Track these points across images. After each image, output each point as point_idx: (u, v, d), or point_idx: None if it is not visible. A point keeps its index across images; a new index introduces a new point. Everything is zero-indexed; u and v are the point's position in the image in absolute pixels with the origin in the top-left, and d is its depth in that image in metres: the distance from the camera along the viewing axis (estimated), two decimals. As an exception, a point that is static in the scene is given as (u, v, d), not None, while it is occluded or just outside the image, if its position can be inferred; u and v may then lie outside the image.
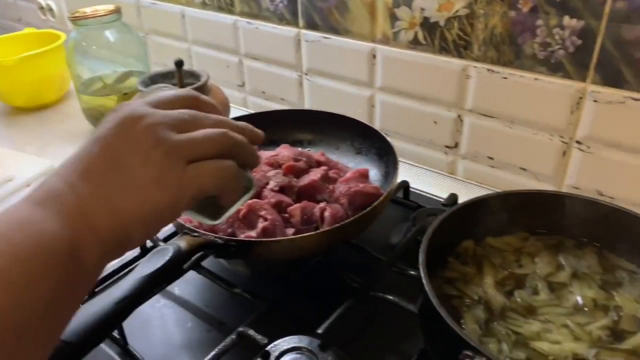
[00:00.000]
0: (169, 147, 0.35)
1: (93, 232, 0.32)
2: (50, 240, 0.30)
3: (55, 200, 0.32)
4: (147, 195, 0.34)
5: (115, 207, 0.33)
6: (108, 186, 0.34)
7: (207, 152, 0.37)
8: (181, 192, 0.35)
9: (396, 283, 0.58)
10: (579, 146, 0.68)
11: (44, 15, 1.39)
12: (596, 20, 0.60)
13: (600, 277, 0.52)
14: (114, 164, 0.34)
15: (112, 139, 0.35)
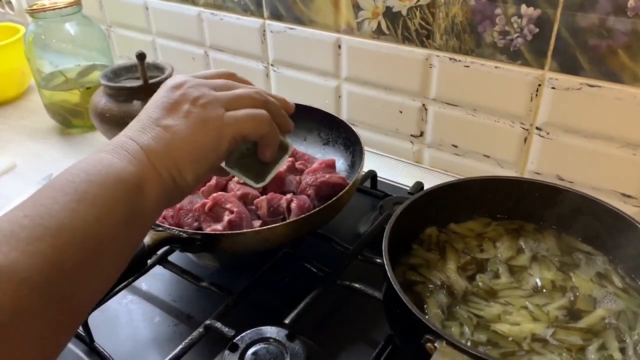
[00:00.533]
0: (210, 98, 0.43)
1: (153, 171, 0.39)
2: (120, 173, 0.36)
3: (122, 147, 0.39)
4: (193, 136, 0.41)
5: (169, 149, 0.40)
6: (162, 133, 0.40)
7: (243, 104, 0.44)
8: (222, 132, 0.42)
9: (362, 271, 0.59)
10: (539, 132, 0.69)
11: (2, 9, 1.35)
12: (552, 9, 0.61)
13: (559, 259, 0.53)
14: (165, 116, 0.41)
15: (163, 99, 0.43)
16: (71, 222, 0.32)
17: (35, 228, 0.30)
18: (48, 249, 0.30)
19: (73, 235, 0.32)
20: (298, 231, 0.58)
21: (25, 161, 0.91)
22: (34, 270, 0.29)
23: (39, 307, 0.29)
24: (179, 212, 0.62)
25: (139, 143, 0.39)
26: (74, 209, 0.32)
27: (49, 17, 0.91)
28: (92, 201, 0.34)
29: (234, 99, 0.44)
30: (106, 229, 0.34)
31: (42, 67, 0.97)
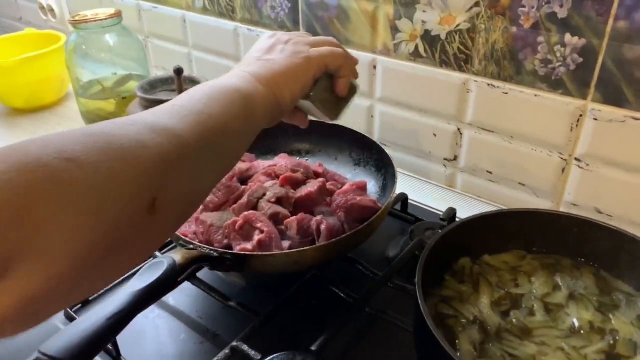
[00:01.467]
0: (298, 40, 0.55)
1: (260, 87, 0.48)
2: (235, 85, 0.46)
3: (234, 75, 0.49)
4: (288, 63, 0.51)
5: (271, 73, 0.50)
6: (264, 64, 0.51)
7: (324, 44, 0.56)
8: (309, 60, 0.53)
9: (392, 299, 0.58)
10: (578, 163, 0.67)
11: (45, 16, 1.39)
12: (598, 39, 0.60)
13: (597, 298, 0.52)
14: (264, 54, 0.53)
15: (261, 44, 0.55)
16: (207, 109, 0.41)
17: (183, 111, 0.40)
18: (194, 123, 0.39)
19: (208, 117, 0.41)
20: (327, 255, 0.58)
21: (60, 168, 0.92)
22: (187, 133, 0.38)
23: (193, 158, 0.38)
24: (209, 228, 0.62)
25: (247, 71, 0.50)
26: (205, 103, 0.42)
27: (90, 28, 0.94)
28: (217, 100, 0.43)
29: (316, 42, 0.56)
30: (229, 120, 0.43)
31: (81, 76, 0.99)
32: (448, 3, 0.70)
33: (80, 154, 0.30)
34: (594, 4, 0.58)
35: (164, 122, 0.37)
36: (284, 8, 0.88)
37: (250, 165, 0.72)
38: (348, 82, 0.57)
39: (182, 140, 0.37)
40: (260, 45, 0.56)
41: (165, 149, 0.35)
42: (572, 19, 0.61)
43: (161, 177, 0.35)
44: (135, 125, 0.35)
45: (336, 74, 0.56)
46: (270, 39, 0.56)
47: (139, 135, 0.35)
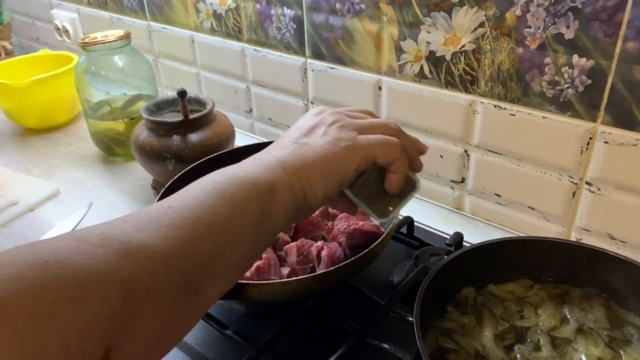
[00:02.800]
0: (346, 123, 0.46)
1: (286, 179, 0.41)
2: (255, 178, 0.40)
3: (261, 160, 0.43)
4: (325, 152, 0.43)
5: (302, 162, 0.42)
6: (298, 149, 0.44)
7: (377, 131, 0.46)
8: (352, 150, 0.44)
9: (393, 330, 0.56)
10: (589, 187, 0.65)
11: (60, 37, 1.41)
12: (606, 60, 0.58)
13: (608, 333, 0.49)
14: (303, 136, 0.45)
15: (304, 123, 0.47)
16: (207, 216, 0.35)
17: (177, 218, 0.34)
18: (185, 236, 0.33)
19: (208, 227, 0.35)
20: (327, 284, 0.56)
21: (68, 188, 0.93)
22: (171, 253, 0.32)
23: (172, 289, 0.31)
24: (208, 254, 0.61)
25: (277, 157, 0.43)
26: (211, 205, 0.36)
27: (99, 50, 0.94)
28: (228, 200, 0.37)
29: (369, 126, 0.47)
30: (238, 226, 0.37)
31: (91, 97, 1.00)
32: (452, 24, 0.68)
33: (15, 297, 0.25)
34: (601, 24, 0.57)
35: (143, 238, 0.31)
36: (289, 29, 0.88)
37: (252, 188, 0.72)
38: (401, 180, 0.48)
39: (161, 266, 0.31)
40: (301, 123, 0.47)
41: (136, 279, 0.29)
42: (580, 39, 0.59)
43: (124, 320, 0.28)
44: (103, 247, 0.29)
45: (388, 169, 0.47)
46: (315, 116, 0.47)
47: (104, 263, 0.28)
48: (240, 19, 0.95)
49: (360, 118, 0.48)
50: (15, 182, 0.94)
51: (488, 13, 0.65)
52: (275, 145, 0.46)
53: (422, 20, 0.71)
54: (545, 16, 0.60)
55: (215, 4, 0.98)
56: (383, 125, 0.47)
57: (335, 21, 0.81)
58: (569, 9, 0.58)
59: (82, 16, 1.35)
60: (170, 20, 1.11)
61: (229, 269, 0.37)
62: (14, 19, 1.62)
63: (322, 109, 0.48)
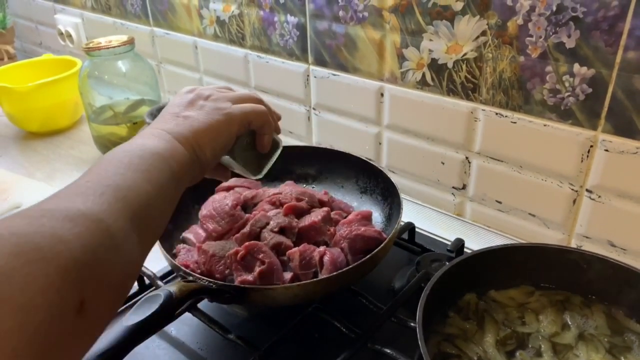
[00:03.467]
0: (219, 96, 0.54)
1: (179, 146, 0.47)
2: (153, 148, 0.44)
3: (150, 134, 0.47)
4: (209, 119, 0.50)
5: (190, 130, 0.48)
6: (183, 121, 0.49)
7: (245, 101, 0.54)
8: (231, 117, 0.51)
9: (395, 335, 0.56)
10: (589, 195, 0.66)
11: (63, 41, 1.42)
12: (607, 69, 0.58)
13: (609, 339, 0.49)
14: (183, 110, 0.51)
15: (180, 99, 0.53)
16: (124, 182, 0.39)
17: (98, 187, 0.37)
18: (112, 200, 0.37)
19: (128, 190, 0.39)
20: (329, 289, 0.56)
21: (70, 192, 0.93)
22: (106, 214, 0.36)
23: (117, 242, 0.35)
24: (211, 258, 0.61)
25: (165, 129, 0.48)
26: (123, 174, 0.40)
27: (103, 55, 0.95)
28: (137, 168, 0.41)
29: (238, 97, 0.55)
30: (152, 188, 0.41)
31: (94, 101, 1.00)
32: (454, 32, 0.69)
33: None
34: (602, 34, 0.57)
35: (77, 206, 0.34)
36: (292, 36, 0.89)
37: (255, 193, 0.72)
38: (270, 139, 0.57)
39: (102, 225, 0.34)
40: (178, 100, 0.53)
41: (87, 238, 0.33)
42: (581, 48, 0.60)
43: (88, 272, 0.32)
44: (46, 217, 0.32)
45: (258, 131, 0.55)
46: (189, 94, 0.54)
47: (54, 229, 0.32)
48: (243, 25, 0.96)
49: (227, 90, 0.56)
50: (17, 185, 0.94)
51: (490, 22, 0.65)
52: (158, 121, 0.51)
53: (424, 28, 0.72)
54: (547, 25, 0.61)
55: (218, 10, 0.99)
56: (249, 96, 0.56)
57: (338, 28, 0.82)
58: (570, 19, 0.59)
59: (85, 21, 1.36)
60: (174, 26, 1.11)
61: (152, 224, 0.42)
62: (17, 23, 1.62)
63: (192, 88, 0.55)
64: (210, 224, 0.67)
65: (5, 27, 1.51)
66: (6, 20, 1.52)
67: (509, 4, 0.63)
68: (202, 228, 0.68)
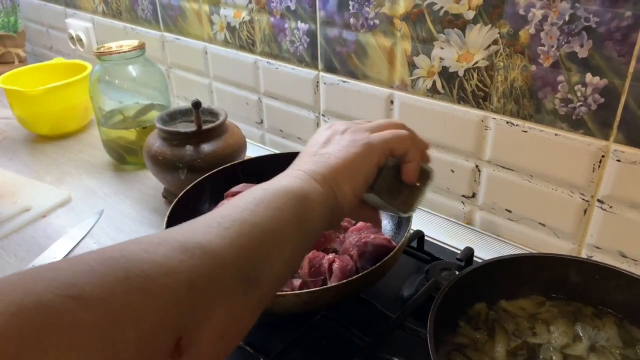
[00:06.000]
0: (357, 127, 0.50)
1: (316, 184, 0.44)
2: (288, 186, 0.42)
3: (286, 175, 0.45)
4: (346, 154, 0.46)
5: (327, 168, 0.45)
6: (320, 158, 0.47)
7: (385, 128, 0.50)
8: (370, 147, 0.47)
9: (404, 344, 0.56)
10: (600, 205, 0.65)
11: (74, 45, 1.43)
12: (619, 80, 0.58)
13: (620, 352, 0.49)
14: (320, 148, 0.48)
15: (317, 137, 0.51)
16: (252, 218, 0.37)
17: (224, 221, 0.36)
18: (235, 235, 0.35)
19: (254, 227, 0.37)
20: (338, 296, 0.56)
21: (79, 195, 0.94)
22: (225, 250, 0.34)
23: (229, 283, 0.33)
24: (220, 264, 0.61)
25: (302, 169, 0.46)
26: (253, 210, 0.38)
27: (114, 60, 0.96)
28: (267, 205, 0.39)
29: (376, 126, 0.51)
30: (280, 227, 0.39)
31: (104, 105, 1.01)
32: (466, 40, 0.69)
33: (90, 287, 0.26)
34: (615, 44, 0.57)
35: (197, 238, 0.33)
36: (302, 43, 0.89)
37: (264, 199, 0.72)
38: (417, 167, 0.50)
39: (218, 260, 0.33)
40: (316, 138, 0.51)
41: (197, 273, 0.31)
42: (593, 58, 0.59)
43: (190, 311, 0.30)
44: (163, 245, 0.32)
45: (403, 160, 0.50)
46: (327, 130, 0.51)
47: (166, 258, 0.31)
48: (254, 31, 0.97)
49: (366, 122, 0.53)
50: (27, 188, 0.95)
51: (502, 31, 0.65)
52: (297, 161, 0.48)
53: (435, 36, 0.72)
54: (559, 35, 0.61)
55: (229, 16, 1.00)
56: (389, 123, 0.52)
57: (348, 36, 0.82)
58: (583, 28, 0.59)
59: (96, 26, 1.37)
60: (184, 32, 1.12)
61: (278, 270, 0.39)
62: (28, 27, 1.64)
63: (331, 123, 0.52)
64: (219, 229, 0.67)
65: (16, 30, 1.53)
66: (17, 24, 1.54)
67: (521, 13, 0.63)
68: (212, 233, 0.68)
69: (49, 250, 0.79)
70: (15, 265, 0.77)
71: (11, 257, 0.79)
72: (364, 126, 0.50)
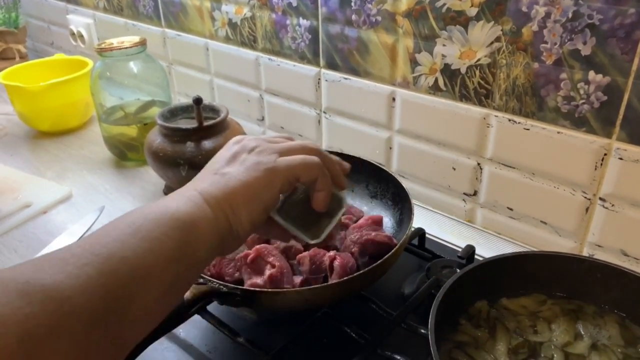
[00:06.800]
0: (265, 147, 0.46)
1: (208, 210, 0.40)
2: (175, 212, 0.38)
3: (180, 194, 0.42)
4: (246, 177, 0.43)
5: (224, 191, 0.42)
6: (219, 179, 0.43)
7: (296, 152, 0.46)
8: (274, 172, 0.44)
9: (405, 342, 0.56)
10: (602, 203, 0.65)
11: (75, 42, 1.43)
12: (623, 77, 0.58)
13: (622, 350, 0.49)
14: (224, 166, 0.45)
15: (223, 153, 0.47)
16: (121, 252, 0.33)
17: (85, 255, 0.32)
18: (94, 273, 0.31)
19: (122, 263, 0.33)
20: (340, 293, 0.56)
21: (80, 191, 0.94)
22: (77, 292, 0.30)
23: (80, 328, 0.29)
24: (221, 261, 0.61)
25: (197, 189, 0.42)
26: (124, 241, 0.34)
27: (115, 56, 0.95)
28: (145, 235, 0.35)
29: (288, 148, 0.47)
30: (155, 262, 0.35)
31: (105, 102, 1.01)
32: (468, 37, 0.69)
33: None
34: (618, 42, 0.57)
35: (43, 278, 0.29)
36: (304, 39, 0.89)
37: (265, 196, 0.72)
38: (326, 197, 0.48)
39: (65, 305, 0.29)
40: (222, 154, 0.47)
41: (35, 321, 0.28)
42: (596, 56, 0.59)
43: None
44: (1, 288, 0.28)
45: (312, 188, 0.48)
46: (235, 145, 0.47)
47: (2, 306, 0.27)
48: (255, 28, 0.96)
49: (279, 140, 0.48)
50: (28, 184, 0.95)
51: (504, 28, 0.65)
52: (198, 177, 0.45)
53: (438, 33, 0.72)
54: (562, 32, 0.61)
55: (231, 12, 0.99)
56: (301, 147, 0.48)
57: (350, 32, 0.82)
58: (586, 26, 0.59)
59: (97, 22, 1.36)
60: (185, 28, 1.12)
61: (149, 307, 0.35)
62: (29, 23, 1.64)
63: (242, 137, 0.49)
64: (220, 226, 0.67)
65: (17, 26, 1.53)
66: (18, 20, 1.54)
67: (524, 10, 0.63)
68: (212, 230, 0.68)
69: (49, 246, 0.79)
70: (15, 262, 0.76)
71: (12, 253, 0.79)
72: (273, 147, 0.47)
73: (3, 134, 1.17)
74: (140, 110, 1.04)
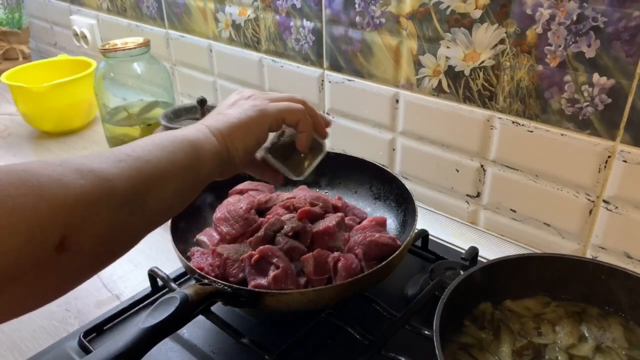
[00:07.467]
0: (259, 95, 0.57)
1: (212, 137, 0.51)
2: (185, 135, 0.49)
3: (191, 126, 0.52)
4: (243, 114, 0.53)
5: (225, 125, 0.52)
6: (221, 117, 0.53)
7: (285, 100, 0.57)
8: (264, 113, 0.54)
9: (409, 343, 0.56)
10: (606, 205, 0.65)
11: (78, 42, 1.43)
12: (627, 80, 0.58)
13: (626, 352, 0.49)
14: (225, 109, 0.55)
15: (226, 101, 0.58)
16: (146, 157, 0.43)
17: (120, 155, 0.42)
18: (126, 167, 0.41)
19: (146, 164, 0.43)
20: (344, 295, 0.56)
21: (83, 192, 0.94)
22: (115, 177, 0.40)
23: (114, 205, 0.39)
24: (225, 261, 0.61)
25: (205, 123, 0.52)
26: (149, 151, 0.44)
27: (119, 57, 0.96)
28: (163, 148, 0.45)
29: (277, 97, 0.57)
30: (170, 167, 0.45)
31: (108, 102, 1.01)
32: (472, 40, 0.69)
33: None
34: (623, 44, 0.57)
35: (93, 165, 0.39)
36: (308, 41, 0.89)
37: (268, 197, 0.72)
38: (307, 137, 0.57)
39: (107, 184, 0.39)
40: (225, 101, 0.59)
41: (87, 190, 0.37)
42: (601, 58, 0.59)
43: (76, 217, 0.36)
44: (62, 167, 0.37)
45: (296, 129, 0.57)
46: (237, 95, 0.59)
47: (62, 175, 0.36)
48: (259, 29, 0.97)
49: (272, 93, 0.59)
50: (31, 184, 0.95)
51: (509, 30, 0.65)
52: (206, 117, 0.56)
53: (442, 35, 0.72)
54: (567, 35, 0.61)
55: (234, 14, 1.00)
56: (289, 97, 0.58)
57: (354, 34, 0.82)
58: (590, 28, 0.59)
59: (100, 22, 1.37)
60: (189, 29, 1.12)
61: (160, 202, 0.45)
62: (32, 24, 1.64)
63: (241, 90, 0.60)
64: (224, 226, 0.67)
65: (20, 27, 1.53)
66: (22, 21, 1.54)
67: (528, 13, 0.63)
68: (216, 231, 0.68)
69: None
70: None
71: (16, 253, 0.79)
72: (266, 95, 0.57)
73: (6, 134, 1.17)
74: (143, 111, 1.04)
